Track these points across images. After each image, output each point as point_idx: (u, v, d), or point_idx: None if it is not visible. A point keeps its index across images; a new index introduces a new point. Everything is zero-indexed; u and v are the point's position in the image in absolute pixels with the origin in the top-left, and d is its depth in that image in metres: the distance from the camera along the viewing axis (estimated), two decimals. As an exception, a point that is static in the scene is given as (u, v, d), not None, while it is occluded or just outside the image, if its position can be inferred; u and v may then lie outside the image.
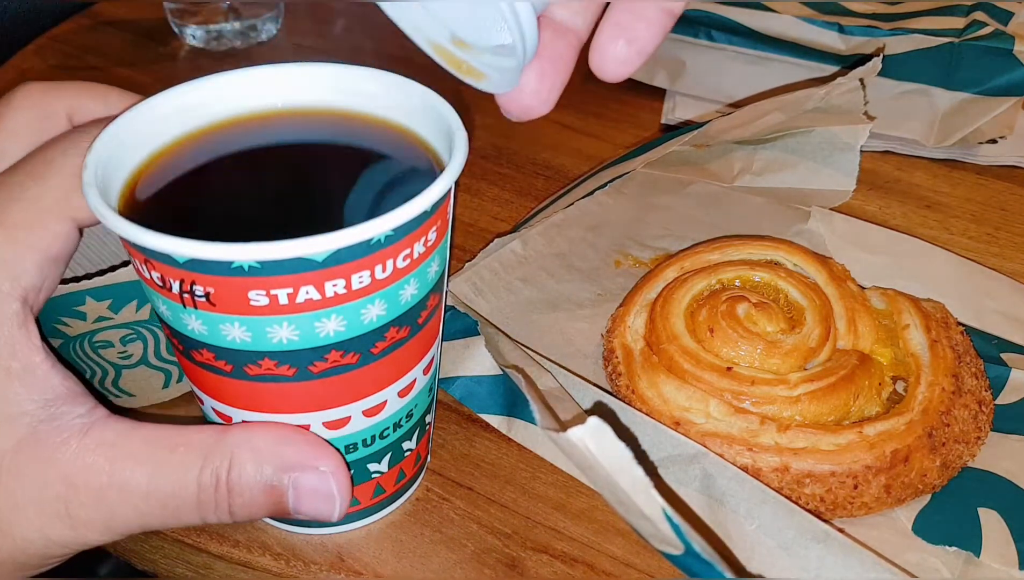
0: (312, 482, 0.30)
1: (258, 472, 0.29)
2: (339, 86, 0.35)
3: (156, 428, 0.30)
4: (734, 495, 0.34)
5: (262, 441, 0.30)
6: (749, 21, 0.61)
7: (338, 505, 0.30)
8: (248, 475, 0.29)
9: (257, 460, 0.29)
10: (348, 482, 0.31)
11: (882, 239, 0.49)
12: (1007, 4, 0.60)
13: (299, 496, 0.30)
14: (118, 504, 0.29)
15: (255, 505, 0.29)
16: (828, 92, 0.51)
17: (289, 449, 0.30)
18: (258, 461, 0.29)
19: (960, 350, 0.40)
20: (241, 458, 0.29)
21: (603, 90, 0.65)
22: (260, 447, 0.29)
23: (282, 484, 0.29)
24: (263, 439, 0.30)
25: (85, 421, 0.29)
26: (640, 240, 0.50)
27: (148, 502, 0.29)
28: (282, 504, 0.30)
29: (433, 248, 0.30)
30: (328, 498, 0.30)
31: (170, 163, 0.33)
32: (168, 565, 0.37)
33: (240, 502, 0.29)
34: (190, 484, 0.29)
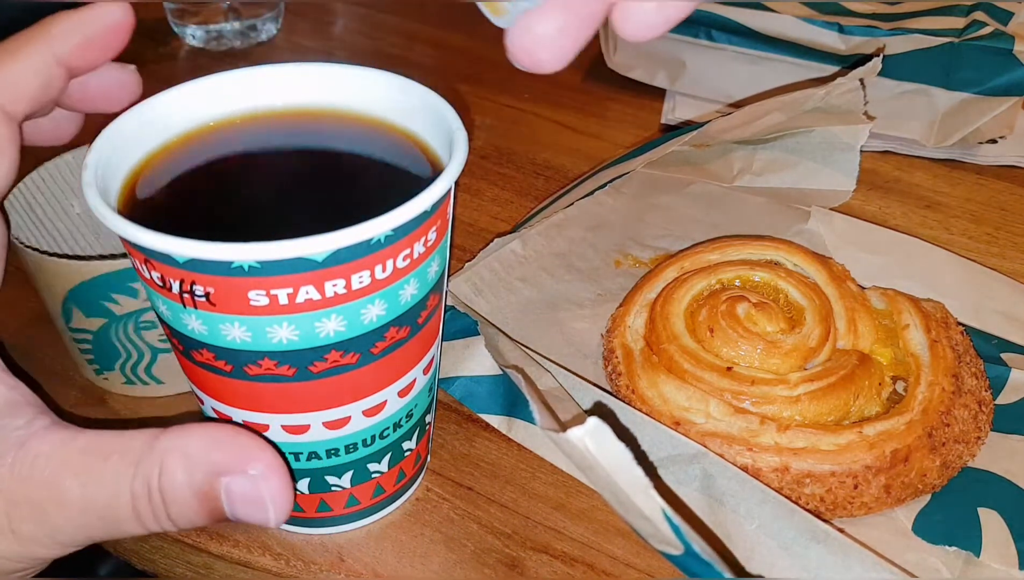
0: (242, 487, 0.28)
1: (189, 478, 0.28)
2: (339, 86, 0.35)
3: (94, 436, 0.29)
4: (734, 495, 0.34)
5: (193, 445, 0.28)
6: (749, 21, 0.61)
7: (272, 511, 0.28)
8: (179, 482, 0.28)
9: (187, 467, 0.28)
10: (282, 484, 0.28)
11: (882, 239, 0.49)
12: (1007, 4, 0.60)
13: (232, 502, 0.28)
14: (59, 518, 0.28)
15: (191, 511, 0.28)
16: (828, 92, 0.51)
17: (219, 453, 0.28)
18: (188, 468, 0.28)
19: (960, 350, 0.40)
20: (171, 465, 0.28)
21: (603, 90, 0.66)
22: (191, 452, 0.28)
23: (214, 490, 0.28)
24: (194, 443, 0.28)
25: (23, 433, 0.28)
26: (640, 240, 0.50)
27: (86, 515, 0.28)
28: (218, 510, 0.28)
29: (433, 248, 0.30)
30: (260, 504, 0.28)
31: (170, 163, 0.33)
32: (168, 565, 0.37)
33: (176, 510, 0.28)
34: (123, 494, 0.28)
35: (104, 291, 0.37)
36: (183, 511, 0.28)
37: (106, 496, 0.28)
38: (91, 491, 0.28)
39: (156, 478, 0.28)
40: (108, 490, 0.28)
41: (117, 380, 0.40)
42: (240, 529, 0.35)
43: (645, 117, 0.62)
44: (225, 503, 0.28)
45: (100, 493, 0.28)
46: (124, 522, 0.28)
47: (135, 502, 0.28)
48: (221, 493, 0.28)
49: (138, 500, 0.28)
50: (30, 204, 0.41)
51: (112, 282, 0.37)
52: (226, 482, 0.28)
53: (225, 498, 0.28)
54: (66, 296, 0.38)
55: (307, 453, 0.32)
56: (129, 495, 0.28)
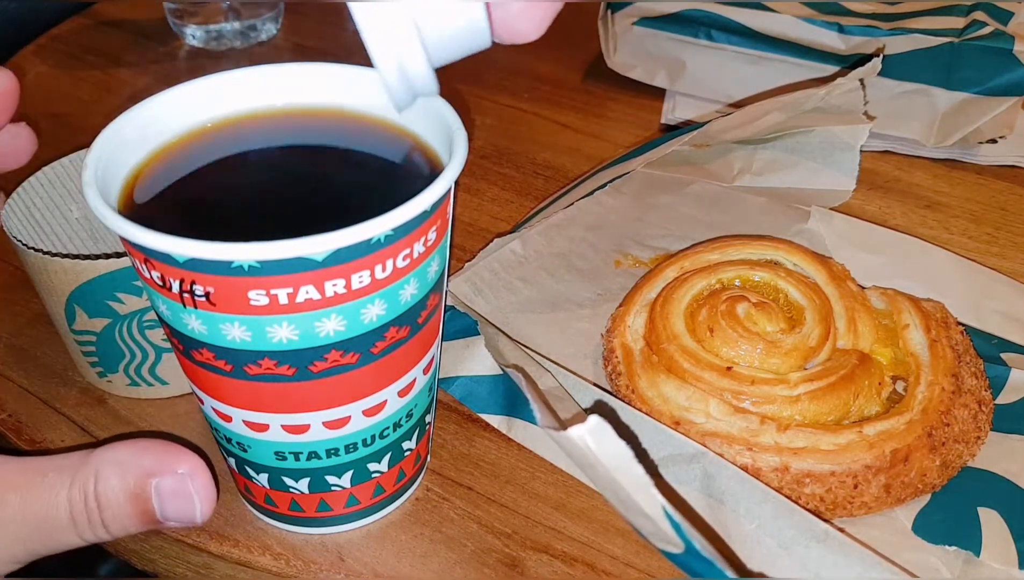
0: (171, 485, 0.30)
1: (122, 482, 0.30)
2: (339, 86, 0.35)
3: (32, 458, 0.31)
4: (734, 495, 0.34)
5: (124, 454, 0.31)
6: (749, 21, 0.61)
7: (198, 505, 0.31)
8: (113, 486, 0.30)
9: (121, 472, 0.30)
10: (207, 481, 0.31)
11: (882, 239, 0.49)
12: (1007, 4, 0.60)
13: (162, 500, 0.30)
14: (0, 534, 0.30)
15: (124, 515, 0.30)
16: (828, 92, 0.51)
17: (148, 457, 0.31)
18: (121, 473, 0.30)
19: (960, 350, 0.40)
20: (106, 472, 0.30)
21: (603, 90, 0.66)
22: (122, 459, 0.30)
23: (146, 491, 0.30)
24: (124, 452, 0.31)
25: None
26: (640, 240, 0.50)
27: (25, 527, 0.30)
28: (149, 511, 0.30)
29: (433, 248, 0.30)
30: (188, 498, 0.31)
31: (170, 162, 0.33)
32: (168, 565, 0.37)
33: (110, 514, 0.30)
34: (61, 503, 0.30)
35: (108, 290, 0.37)
36: (116, 515, 0.30)
37: (44, 506, 0.30)
38: (30, 503, 0.29)
39: (92, 485, 0.30)
40: (45, 501, 0.30)
41: (121, 382, 0.40)
42: (240, 529, 0.35)
43: (645, 117, 0.62)
44: (155, 502, 0.30)
45: (38, 505, 0.30)
46: (61, 531, 0.30)
47: (72, 509, 0.30)
48: (152, 493, 0.30)
49: (75, 507, 0.30)
50: (28, 208, 0.41)
51: (116, 280, 0.37)
52: (156, 482, 0.30)
53: (155, 497, 0.30)
54: (69, 297, 0.38)
55: (307, 453, 0.32)
56: (67, 503, 0.30)
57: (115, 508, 0.30)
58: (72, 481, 0.30)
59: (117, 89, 0.67)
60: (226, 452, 0.34)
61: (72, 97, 0.66)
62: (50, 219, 0.41)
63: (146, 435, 0.39)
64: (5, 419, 0.40)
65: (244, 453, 0.33)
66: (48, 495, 0.30)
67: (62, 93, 0.66)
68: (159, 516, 0.31)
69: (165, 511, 0.31)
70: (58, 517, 0.30)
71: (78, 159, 0.43)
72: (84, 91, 0.66)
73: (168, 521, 0.31)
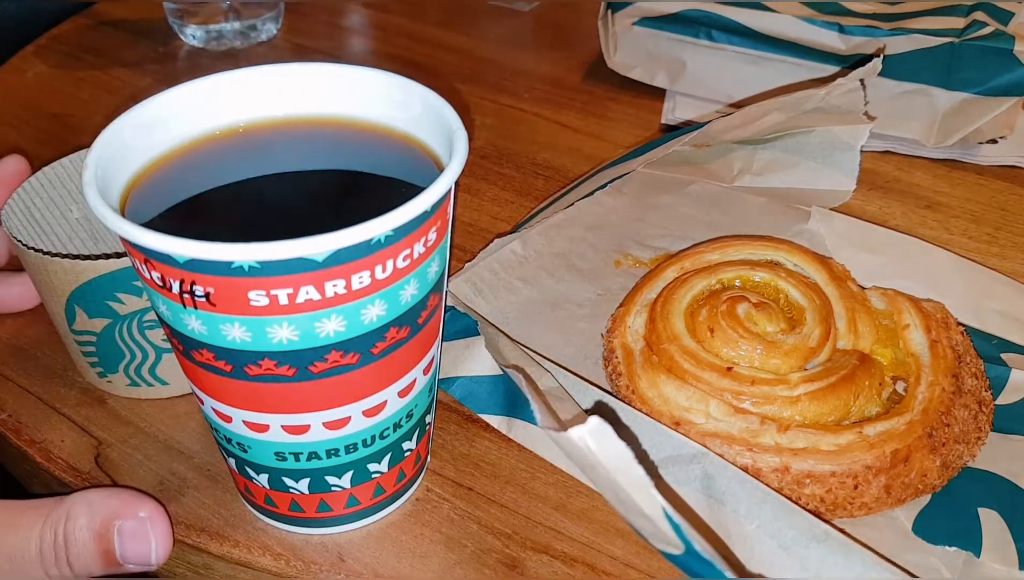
0: (132, 527, 0.33)
1: (89, 521, 0.33)
2: (338, 86, 0.35)
3: (12, 501, 0.34)
4: (734, 495, 0.34)
5: (93, 496, 0.34)
6: (749, 21, 0.61)
7: (154, 549, 0.34)
8: (81, 526, 0.33)
9: (89, 513, 0.33)
10: (166, 528, 0.34)
11: (882, 239, 0.49)
12: (1007, 4, 0.60)
13: (123, 540, 0.33)
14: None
15: (87, 553, 0.33)
16: (828, 92, 0.51)
17: (115, 500, 0.34)
18: (90, 513, 0.33)
19: (960, 350, 0.40)
20: (76, 511, 0.33)
21: (603, 90, 0.66)
22: (92, 500, 0.33)
23: (110, 532, 0.33)
24: (95, 495, 0.34)
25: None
26: (640, 240, 0.50)
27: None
28: (110, 551, 0.33)
29: (433, 248, 0.30)
30: (145, 541, 0.33)
31: (171, 163, 0.33)
32: (168, 565, 0.37)
33: (75, 551, 0.32)
34: (33, 539, 0.32)
35: (108, 290, 0.37)
36: (81, 552, 0.33)
37: (17, 541, 0.32)
38: (6, 537, 0.32)
39: (63, 524, 0.33)
40: (21, 535, 0.32)
41: (121, 382, 0.40)
42: (240, 529, 0.35)
43: (645, 117, 0.62)
44: (117, 543, 0.33)
45: (13, 539, 0.32)
46: (28, 566, 0.32)
47: (42, 545, 0.32)
48: (114, 534, 0.33)
49: (44, 543, 0.32)
50: (28, 209, 0.41)
51: (116, 280, 0.37)
52: (119, 524, 0.33)
53: (117, 538, 0.33)
54: (69, 297, 0.38)
55: (307, 453, 0.32)
56: (38, 539, 0.32)
57: (80, 546, 0.33)
58: (46, 520, 0.33)
59: (117, 89, 0.67)
60: (226, 452, 0.34)
61: (72, 97, 0.66)
62: (50, 219, 0.41)
63: (147, 435, 0.39)
64: (5, 419, 0.40)
65: (244, 453, 0.33)
66: (23, 531, 0.33)
67: (62, 93, 0.66)
68: (119, 557, 0.33)
69: (125, 552, 0.33)
70: (28, 551, 0.32)
71: (78, 159, 0.43)
72: (84, 91, 0.66)
73: (127, 563, 0.33)
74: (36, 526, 0.33)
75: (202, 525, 0.36)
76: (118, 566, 0.33)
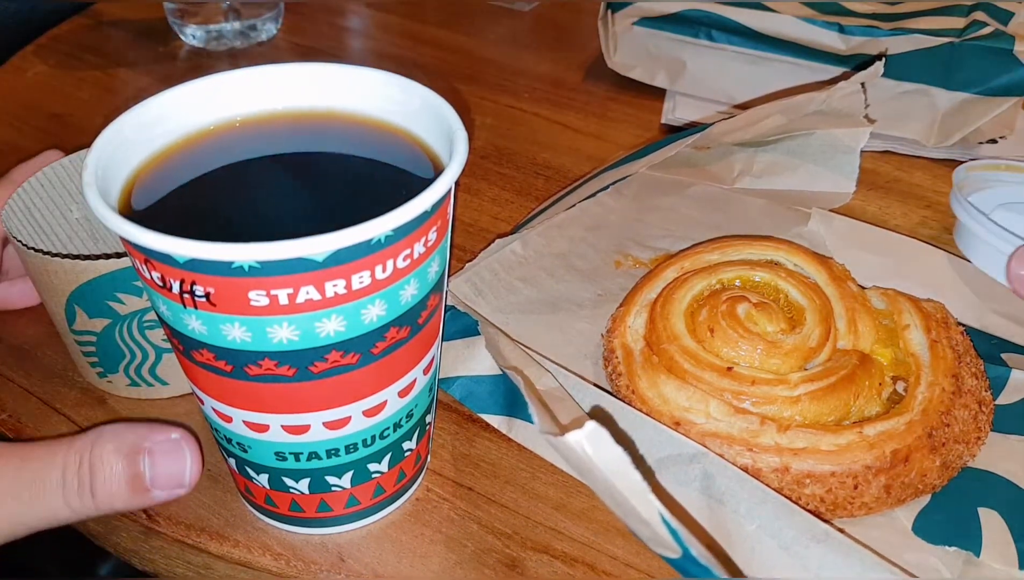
0: (164, 446, 0.32)
1: (117, 446, 0.31)
2: (339, 86, 0.35)
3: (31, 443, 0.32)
4: (734, 495, 0.34)
5: (122, 425, 0.33)
6: (749, 21, 0.61)
7: (188, 465, 0.33)
8: (108, 450, 0.31)
9: (117, 438, 0.32)
10: (197, 450, 0.33)
11: (882, 239, 0.49)
12: (1007, 4, 0.60)
13: (154, 461, 0.32)
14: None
15: (114, 479, 0.31)
16: (829, 96, 0.51)
17: (145, 427, 0.33)
18: (118, 439, 0.32)
19: (960, 350, 0.40)
20: (104, 438, 0.32)
21: (603, 90, 0.66)
22: (120, 428, 0.32)
23: (139, 454, 0.32)
24: (123, 424, 0.33)
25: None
26: (640, 240, 0.50)
27: (18, 502, 0.30)
28: (139, 475, 0.32)
29: (433, 248, 0.30)
30: (179, 457, 0.32)
31: (171, 163, 0.33)
32: (168, 565, 0.37)
33: (100, 478, 0.31)
34: (55, 466, 0.31)
35: (108, 290, 0.37)
36: (108, 478, 0.31)
37: (39, 469, 0.31)
38: (25, 468, 0.30)
39: (89, 450, 0.31)
40: (42, 462, 0.31)
41: (121, 382, 0.40)
42: (240, 529, 0.35)
43: (645, 117, 0.62)
44: (146, 466, 0.32)
45: (34, 466, 0.31)
46: (50, 494, 0.31)
47: (65, 472, 0.31)
48: (144, 457, 0.32)
49: (68, 470, 0.31)
50: (28, 209, 0.41)
51: (116, 281, 0.37)
52: (149, 444, 0.32)
53: (147, 459, 0.32)
54: (69, 297, 0.38)
55: (307, 453, 0.32)
56: (61, 465, 0.31)
57: (107, 471, 0.31)
58: (70, 446, 0.31)
59: (117, 89, 0.67)
60: (226, 452, 0.34)
61: (72, 97, 0.66)
62: (50, 219, 0.41)
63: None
64: (5, 419, 0.40)
65: (244, 453, 0.33)
66: (45, 458, 0.31)
67: (62, 93, 0.66)
68: (148, 481, 0.32)
69: (156, 474, 0.32)
70: (49, 480, 0.31)
71: (78, 159, 0.43)
72: (84, 91, 0.66)
73: (156, 489, 0.32)
74: (59, 453, 0.31)
75: (202, 525, 0.36)
76: (146, 493, 0.32)
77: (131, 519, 0.36)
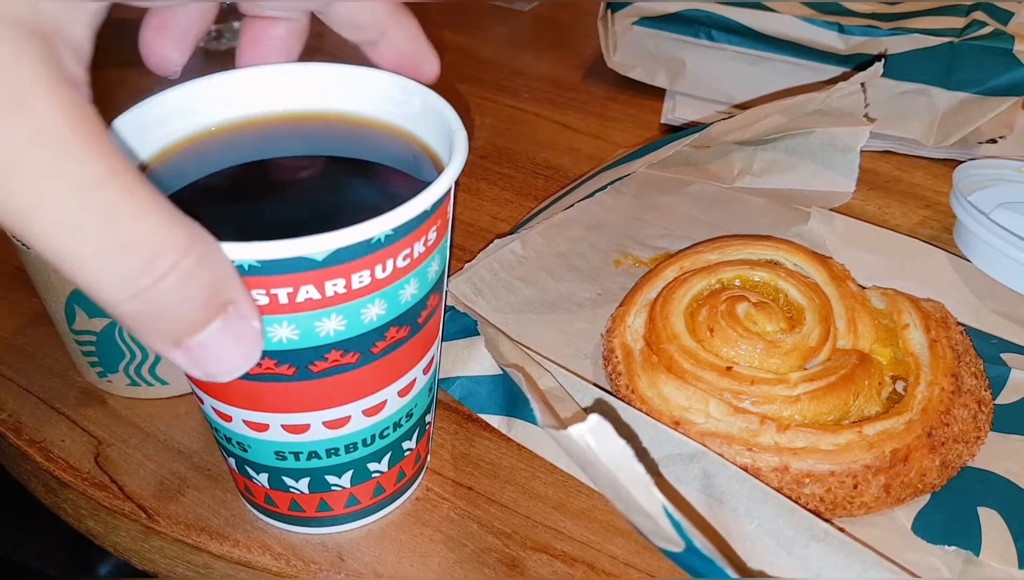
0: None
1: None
2: (339, 87, 0.35)
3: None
4: (734, 494, 0.34)
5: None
6: (749, 21, 0.61)
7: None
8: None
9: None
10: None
11: (882, 239, 0.49)
12: (1007, 4, 0.60)
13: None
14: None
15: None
16: (829, 96, 0.51)
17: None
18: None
19: (960, 350, 0.40)
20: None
21: (603, 90, 0.66)
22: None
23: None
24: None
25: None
26: (640, 240, 0.50)
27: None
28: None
29: (433, 248, 0.30)
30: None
31: (170, 163, 0.33)
32: (168, 565, 0.37)
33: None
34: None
35: None
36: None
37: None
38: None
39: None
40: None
41: (121, 382, 0.40)
42: (240, 529, 0.35)
43: (645, 117, 0.62)
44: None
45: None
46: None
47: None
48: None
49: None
50: None
51: None
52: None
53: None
54: (69, 297, 0.38)
55: (307, 452, 0.32)
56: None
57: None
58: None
59: (117, 89, 0.67)
60: (226, 452, 0.34)
61: (72, 97, 0.66)
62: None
63: (147, 435, 0.39)
64: (5, 419, 0.40)
65: (244, 453, 0.33)
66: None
67: (62, 93, 0.66)
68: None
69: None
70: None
71: None
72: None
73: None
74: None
75: (202, 525, 0.36)
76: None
77: (131, 519, 0.36)
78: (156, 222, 0.23)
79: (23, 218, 0.22)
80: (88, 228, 0.22)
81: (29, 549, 0.60)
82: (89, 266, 0.23)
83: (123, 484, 0.37)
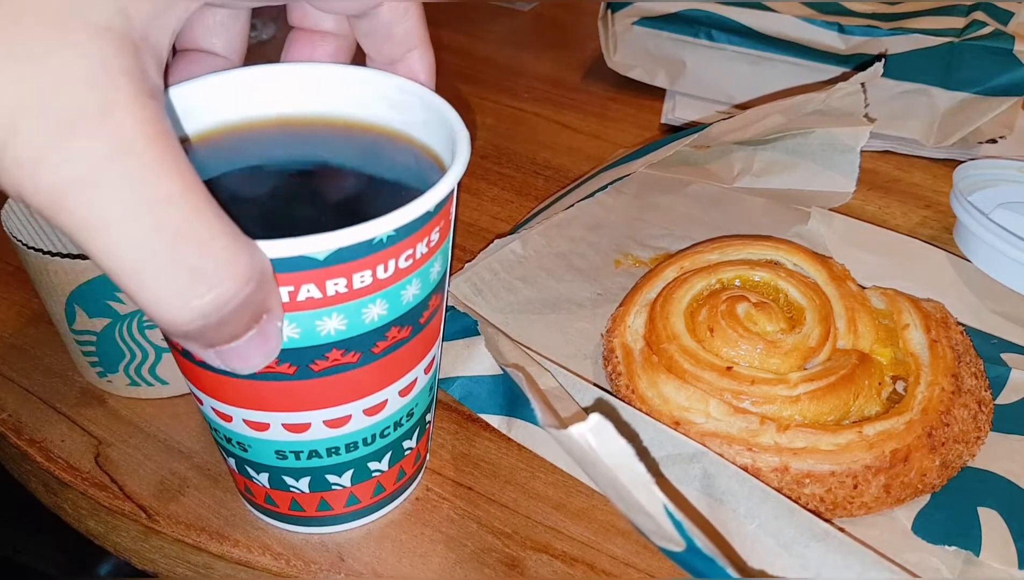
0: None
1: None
2: (339, 87, 0.35)
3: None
4: (734, 494, 0.34)
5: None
6: (749, 21, 0.61)
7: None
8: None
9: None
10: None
11: (882, 239, 0.49)
12: (1007, 4, 0.60)
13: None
14: None
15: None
16: (829, 96, 0.51)
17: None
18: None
19: (960, 350, 0.40)
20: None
21: (603, 90, 0.66)
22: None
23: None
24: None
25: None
26: (640, 240, 0.50)
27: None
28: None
29: (436, 249, 0.30)
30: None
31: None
32: (168, 565, 0.37)
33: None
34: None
35: (108, 290, 0.37)
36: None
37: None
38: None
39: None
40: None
41: (121, 382, 0.40)
42: (240, 529, 0.35)
43: (645, 117, 0.62)
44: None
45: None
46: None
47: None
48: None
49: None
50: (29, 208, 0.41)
51: None
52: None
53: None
54: (69, 297, 0.38)
55: (308, 451, 0.32)
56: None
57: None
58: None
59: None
60: (226, 452, 0.34)
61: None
62: (50, 219, 0.41)
63: (147, 435, 0.39)
64: (5, 419, 0.40)
65: (244, 453, 0.33)
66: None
67: (62, 93, 0.66)
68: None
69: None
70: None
71: None
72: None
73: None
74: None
75: (202, 525, 0.36)
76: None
77: (131, 519, 0.36)
78: (222, 248, 0.24)
79: (89, 231, 0.22)
80: (156, 247, 0.22)
81: (29, 549, 0.60)
82: (151, 285, 0.23)
83: (123, 484, 0.37)
